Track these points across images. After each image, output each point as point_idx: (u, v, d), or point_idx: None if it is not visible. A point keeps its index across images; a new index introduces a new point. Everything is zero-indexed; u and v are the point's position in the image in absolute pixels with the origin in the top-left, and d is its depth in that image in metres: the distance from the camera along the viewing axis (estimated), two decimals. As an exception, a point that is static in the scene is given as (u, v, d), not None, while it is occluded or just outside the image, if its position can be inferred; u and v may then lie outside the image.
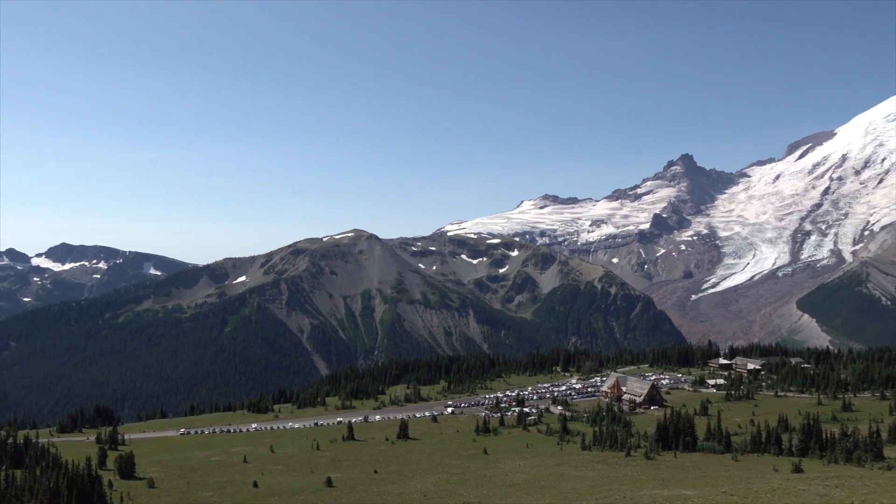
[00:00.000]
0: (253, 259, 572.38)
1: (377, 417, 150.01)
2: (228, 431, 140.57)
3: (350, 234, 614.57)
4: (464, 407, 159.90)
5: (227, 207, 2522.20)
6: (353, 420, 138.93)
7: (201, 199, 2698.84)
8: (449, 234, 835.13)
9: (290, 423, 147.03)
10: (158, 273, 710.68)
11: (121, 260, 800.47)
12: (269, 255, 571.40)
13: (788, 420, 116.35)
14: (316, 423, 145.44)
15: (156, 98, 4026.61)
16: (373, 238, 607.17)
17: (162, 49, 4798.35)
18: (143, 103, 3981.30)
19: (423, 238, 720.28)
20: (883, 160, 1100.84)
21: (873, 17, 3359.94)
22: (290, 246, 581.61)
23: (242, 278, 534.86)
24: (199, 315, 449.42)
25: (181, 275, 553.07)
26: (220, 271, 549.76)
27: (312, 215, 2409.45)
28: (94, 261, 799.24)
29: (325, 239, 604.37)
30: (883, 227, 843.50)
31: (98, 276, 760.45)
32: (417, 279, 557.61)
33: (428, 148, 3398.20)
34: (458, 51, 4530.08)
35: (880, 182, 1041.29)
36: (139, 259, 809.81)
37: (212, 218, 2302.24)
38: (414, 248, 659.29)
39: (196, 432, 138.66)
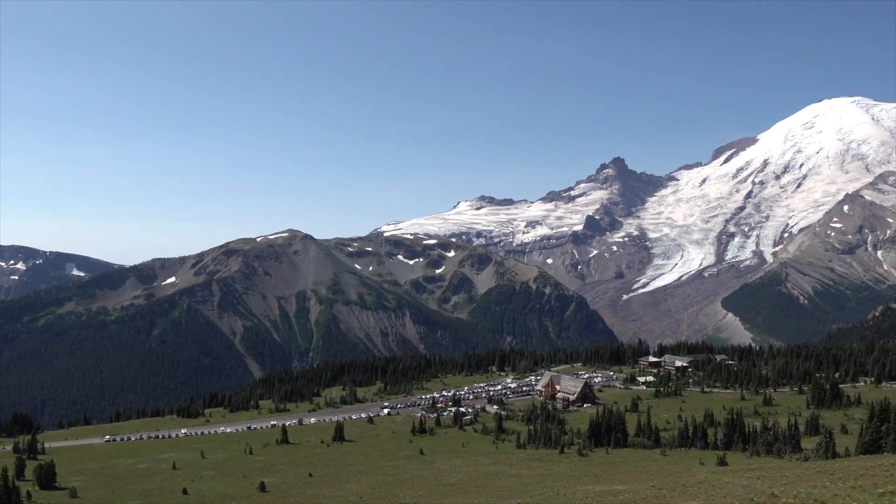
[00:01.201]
0: (183, 259, 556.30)
1: (312, 420, 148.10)
2: (156, 437, 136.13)
3: (284, 235, 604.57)
4: (400, 408, 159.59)
5: (155, 207, 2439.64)
6: (288, 423, 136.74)
7: (128, 197, 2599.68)
8: (385, 234, 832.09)
9: (221, 428, 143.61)
10: (82, 274, 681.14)
11: (41, 260, 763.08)
12: (200, 256, 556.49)
13: (714, 415, 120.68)
14: (249, 427, 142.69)
15: (77, 92, 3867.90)
16: (308, 238, 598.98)
17: (89, 40, 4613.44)
18: (62, 97, 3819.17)
19: (360, 238, 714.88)
20: (801, 166, 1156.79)
21: (793, 28, 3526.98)
22: (222, 246, 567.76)
23: (172, 279, 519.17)
24: (125, 317, 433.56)
25: (106, 276, 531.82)
26: (148, 272, 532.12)
27: (245, 215, 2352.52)
28: (12, 261, 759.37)
29: (258, 239, 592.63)
30: (801, 230, 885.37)
31: (16, 278, 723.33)
32: (353, 280, 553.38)
33: (364, 148, 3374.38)
34: (393, 51, 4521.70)
35: (798, 186, 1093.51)
36: (61, 259, 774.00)
37: (139, 217, 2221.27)
38: (350, 249, 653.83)
39: (122, 439, 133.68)
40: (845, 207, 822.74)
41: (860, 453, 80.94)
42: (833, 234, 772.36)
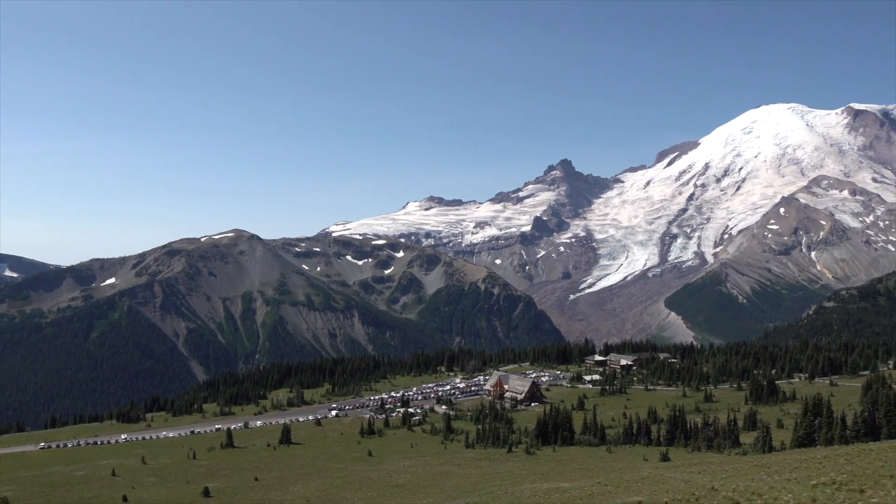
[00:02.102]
0: (123, 260, 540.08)
1: (258, 423, 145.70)
2: (95, 444, 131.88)
3: (230, 235, 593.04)
4: (348, 409, 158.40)
5: (94, 206, 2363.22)
6: (233, 426, 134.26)
7: (64, 195, 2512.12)
8: (334, 234, 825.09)
9: (164, 433, 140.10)
10: (15, 275, 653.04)
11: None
12: (142, 256, 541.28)
13: (657, 412, 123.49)
14: (192, 432, 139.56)
15: (5, 86, 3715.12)
16: (254, 238, 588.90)
17: (12, 36, 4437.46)
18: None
19: (308, 239, 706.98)
20: (740, 169, 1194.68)
21: (733, 34, 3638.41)
22: (164, 246, 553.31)
23: (111, 280, 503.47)
24: (61, 320, 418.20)
25: (41, 276, 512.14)
26: (87, 273, 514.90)
27: (189, 215, 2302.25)
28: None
29: (203, 239, 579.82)
30: (740, 231, 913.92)
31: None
32: (301, 280, 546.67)
33: (312, 148, 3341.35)
34: (341, 51, 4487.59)
35: (738, 189, 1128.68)
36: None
37: (77, 217, 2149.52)
38: (297, 249, 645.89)
39: (58, 446, 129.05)
40: (781, 210, 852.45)
41: (795, 447, 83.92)
42: (770, 235, 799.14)
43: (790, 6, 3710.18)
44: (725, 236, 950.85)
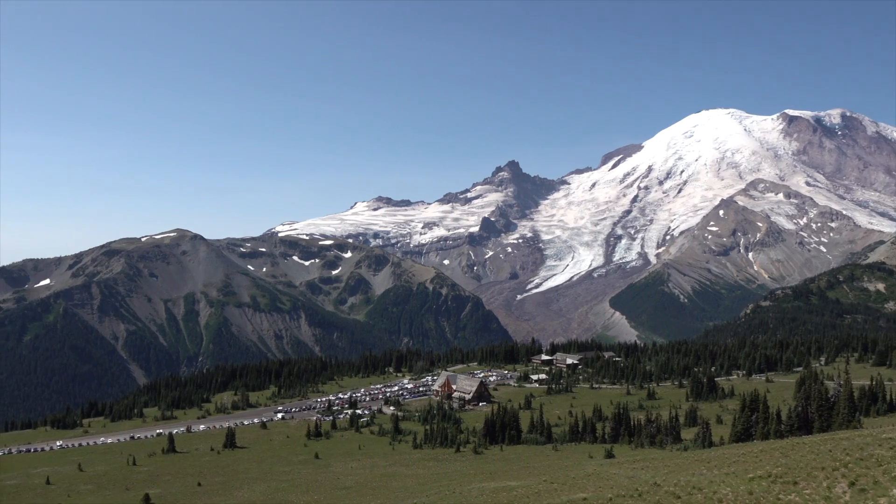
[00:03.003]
0: (59, 260, 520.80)
1: (201, 427, 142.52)
2: (28, 451, 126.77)
3: (172, 234, 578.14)
4: (295, 412, 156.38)
5: (26, 205, 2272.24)
6: (175, 431, 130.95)
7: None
8: (280, 234, 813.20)
9: (102, 439, 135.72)
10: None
11: None
12: (79, 256, 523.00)
13: (602, 410, 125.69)
14: (132, 437, 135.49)
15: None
16: (197, 238, 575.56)
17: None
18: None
19: (253, 239, 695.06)
20: (681, 172, 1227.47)
21: (676, 38, 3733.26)
22: (102, 246, 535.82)
23: (46, 281, 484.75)
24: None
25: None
26: (19, 273, 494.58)
27: (129, 214, 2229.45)
28: None
29: (143, 239, 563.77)
30: (681, 233, 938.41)
31: None
32: (246, 281, 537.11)
33: (258, 146, 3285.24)
34: (286, 49, 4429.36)
35: (679, 192, 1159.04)
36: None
37: (9, 216, 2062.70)
38: (243, 249, 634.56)
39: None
40: (721, 212, 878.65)
41: (733, 441, 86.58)
42: (710, 236, 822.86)
43: (730, 14, 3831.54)
44: (668, 237, 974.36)
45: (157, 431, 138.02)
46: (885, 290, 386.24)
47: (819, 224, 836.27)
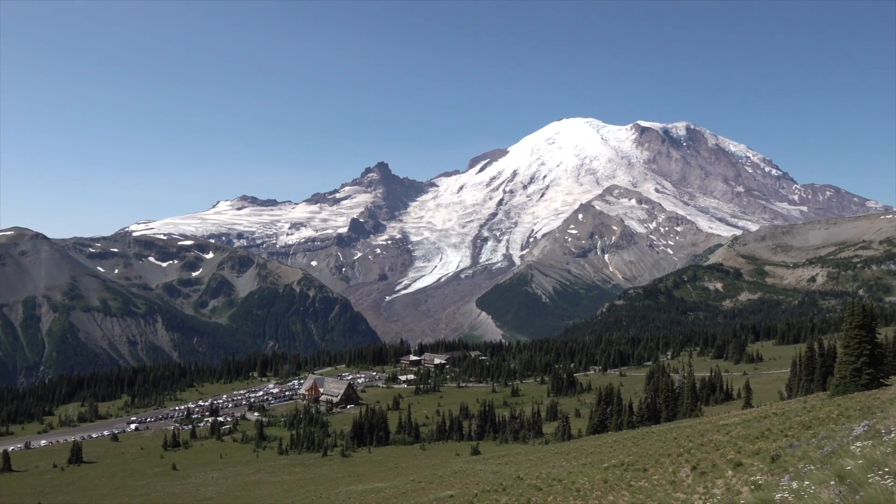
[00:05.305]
0: None
1: (42, 442, 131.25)
2: None
3: (9, 233, 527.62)
4: (150, 422, 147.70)
5: None
6: (11, 448, 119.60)
7: None
8: (134, 234, 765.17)
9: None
10: None
11: None
12: None
13: (469, 408, 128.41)
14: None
15: None
16: (39, 238, 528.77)
17: None
18: None
19: (104, 238, 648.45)
20: (544, 177, 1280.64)
21: (542, 47, 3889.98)
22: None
23: None
24: None
25: None
26: None
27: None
28: None
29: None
30: (544, 235, 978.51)
31: None
32: (96, 284, 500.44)
33: (108, 140, 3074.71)
34: (145, 41, 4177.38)
35: (542, 196, 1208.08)
36: None
37: None
38: (92, 250, 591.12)
39: None
40: (579, 216, 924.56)
41: (590, 433, 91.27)
42: (570, 239, 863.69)
43: (591, 24, 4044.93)
44: (531, 240, 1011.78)
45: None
46: (723, 289, 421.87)
47: (667, 228, 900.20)
